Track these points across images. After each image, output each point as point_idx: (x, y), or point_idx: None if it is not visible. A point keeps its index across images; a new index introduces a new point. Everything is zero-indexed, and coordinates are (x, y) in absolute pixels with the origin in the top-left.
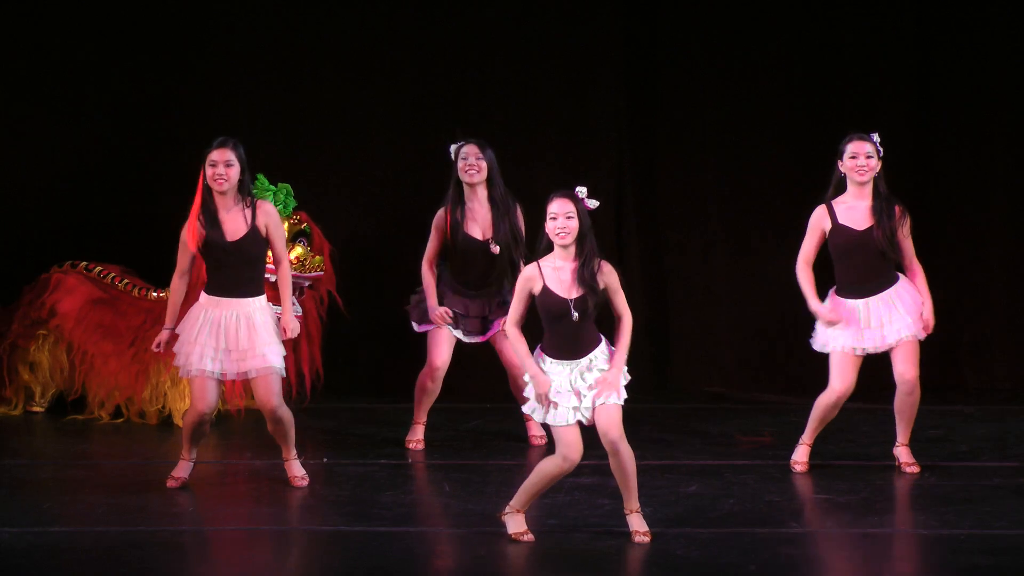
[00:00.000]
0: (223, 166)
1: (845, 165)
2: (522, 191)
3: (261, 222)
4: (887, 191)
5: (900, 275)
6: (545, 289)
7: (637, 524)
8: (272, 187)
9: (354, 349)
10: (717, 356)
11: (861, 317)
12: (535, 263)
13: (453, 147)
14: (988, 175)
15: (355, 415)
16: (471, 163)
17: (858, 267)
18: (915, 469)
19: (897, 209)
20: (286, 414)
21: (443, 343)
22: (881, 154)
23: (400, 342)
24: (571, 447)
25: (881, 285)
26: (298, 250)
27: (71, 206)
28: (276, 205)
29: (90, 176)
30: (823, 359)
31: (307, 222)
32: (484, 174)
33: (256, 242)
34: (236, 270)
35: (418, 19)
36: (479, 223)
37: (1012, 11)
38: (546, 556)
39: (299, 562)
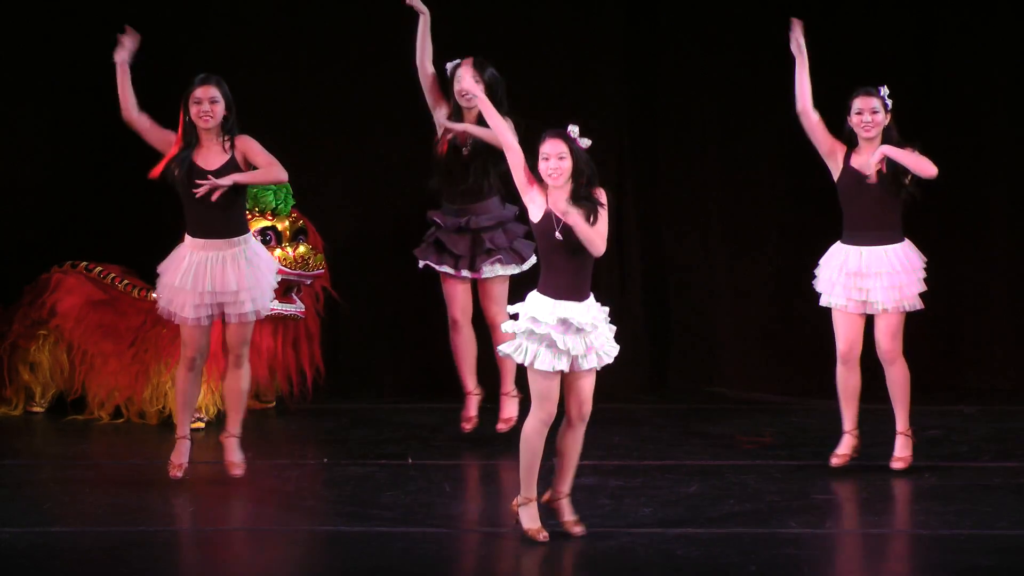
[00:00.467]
0: (208, 103)
1: (852, 121)
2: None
3: (239, 153)
4: (900, 139)
5: (906, 238)
6: (548, 212)
7: (570, 513)
8: (271, 185)
9: (354, 349)
10: (717, 356)
11: (852, 264)
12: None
13: (450, 65)
14: (989, 172)
15: (355, 415)
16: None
17: (862, 213)
18: (899, 465)
19: (892, 147)
20: (249, 371)
21: (454, 293)
22: (889, 107)
23: (401, 342)
24: (551, 399)
25: (882, 238)
26: (301, 249)
27: (71, 206)
28: (275, 203)
29: (90, 176)
30: (825, 359)
31: (303, 219)
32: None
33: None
34: (216, 206)
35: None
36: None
37: (1015, 3)
38: (546, 556)
39: (299, 563)
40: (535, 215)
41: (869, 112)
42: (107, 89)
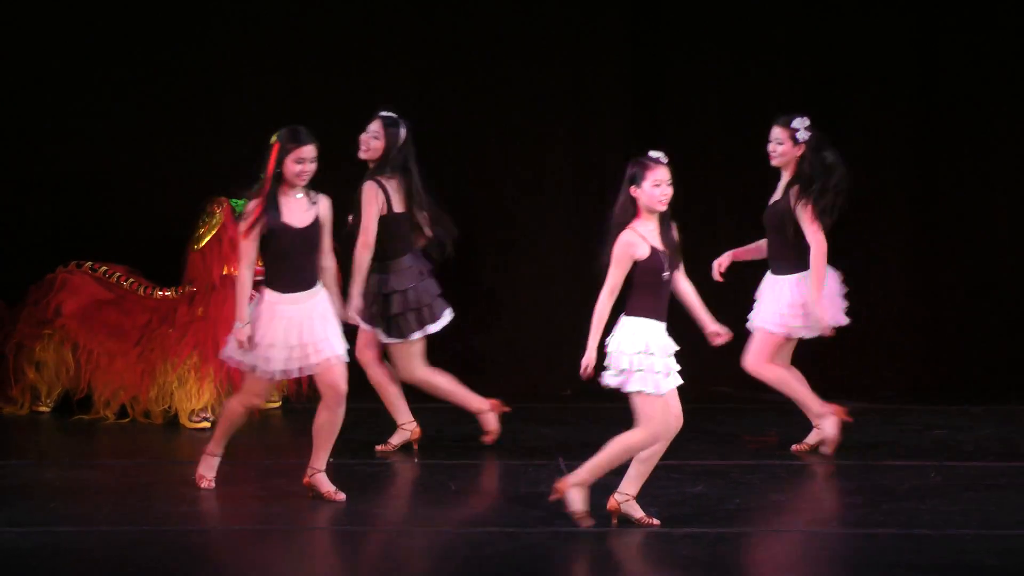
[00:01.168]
0: (310, 163)
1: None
2: (529, 186)
3: (323, 212)
4: (807, 173)
5: (803, 272)
6: (653, 250)
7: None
8: None
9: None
10: (723, 355)
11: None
12: (630, 229)
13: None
14: (993, 170)
15: (359, 415)
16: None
17: (769, 242)
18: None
19: (792, 191)
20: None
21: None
22: (801, 138)
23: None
24: (677, 415)
25: (777, 267)
26: None
27: (76, 207)
28: None
29: (94, 177)
30: (832, 359)
31: None
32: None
33: (319, 231)
34: (303, 259)
35: (421, 16)
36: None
37: (1017, 8)
38: (550, 555)
39: (304, 562)
40: (643, 253)
41: (774, 142)
42: (111, 90)
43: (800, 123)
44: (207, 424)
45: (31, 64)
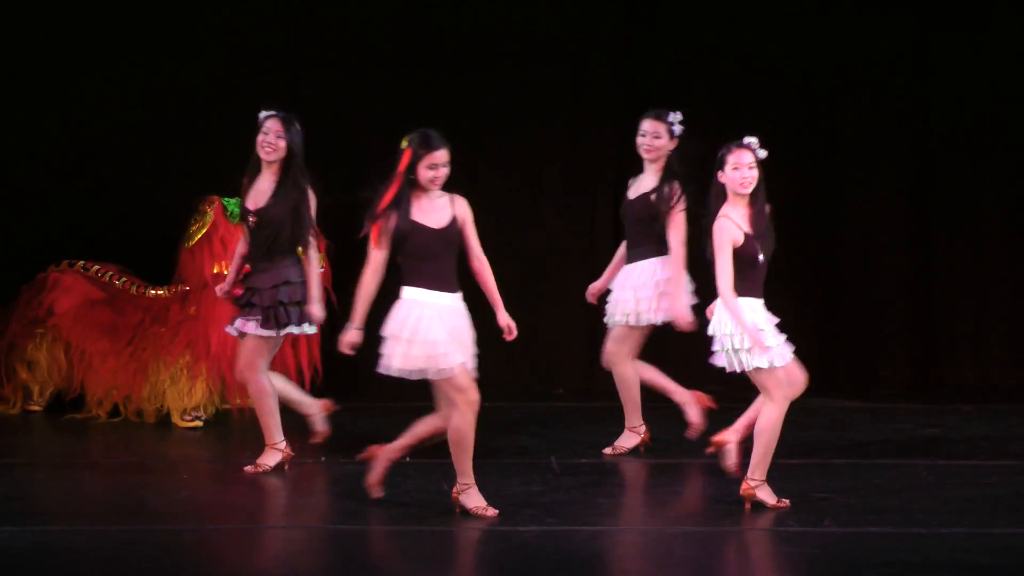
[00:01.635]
0: (443, 167)
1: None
2: (523, 187)
3: (460, 212)
4: (680, 168)
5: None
6: (747, 236)
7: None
8: None
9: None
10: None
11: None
12: (723, 215)
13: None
14: (987, 171)
15: (352, 414)
16: (270, 140)
17: (632, 232)
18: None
19: (671, 185)
20: None
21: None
22: (676, 132)
23: None
24: (797, 379)
25: (636, 256)
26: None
27: (68, 206)
28: None
29: (87, 176)
30: (823, 357)
31: None
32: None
33: (456, 232)
34: (441, 260)
35: (418, 17)
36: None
37: (1013, 8)
38: (545, 554)
39: (297, 561)
40: (738, 239)
41: (651, 136)
42: (105, 89)
43: (675, 117)
44: (199, 423)
45: (25, 64)
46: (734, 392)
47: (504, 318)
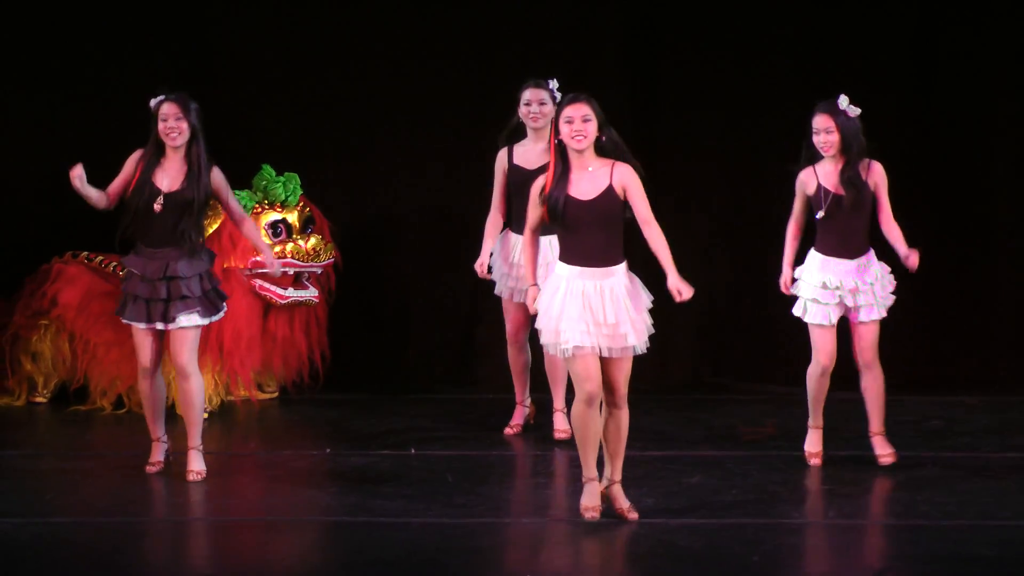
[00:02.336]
0: (580, 121)
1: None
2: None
3: (619, 179)
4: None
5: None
6: (817, 189)
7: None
8: (280, 177)
9: (358, 339)
10: (719, 346)
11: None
12: (810, 168)
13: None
14: (991, 161)
15: (358, 406)
16: (171, 125)
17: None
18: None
19: None
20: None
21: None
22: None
23: (404, 332)
24: (822, 348)
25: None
26: (312, 241)
27: (72, 197)
28: (284, 194)
29: (92, 167)
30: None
31: (309, 206)
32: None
33: (607, 202)
34: (591, 232)
35: (421, 12)
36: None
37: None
38: (549, 545)
39: (302, 552)
40: (810, 190)
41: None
42: (109, 81)
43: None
44: (204, 415)
45: (29, 58)
46: (729, 384)
47: (673, 281)
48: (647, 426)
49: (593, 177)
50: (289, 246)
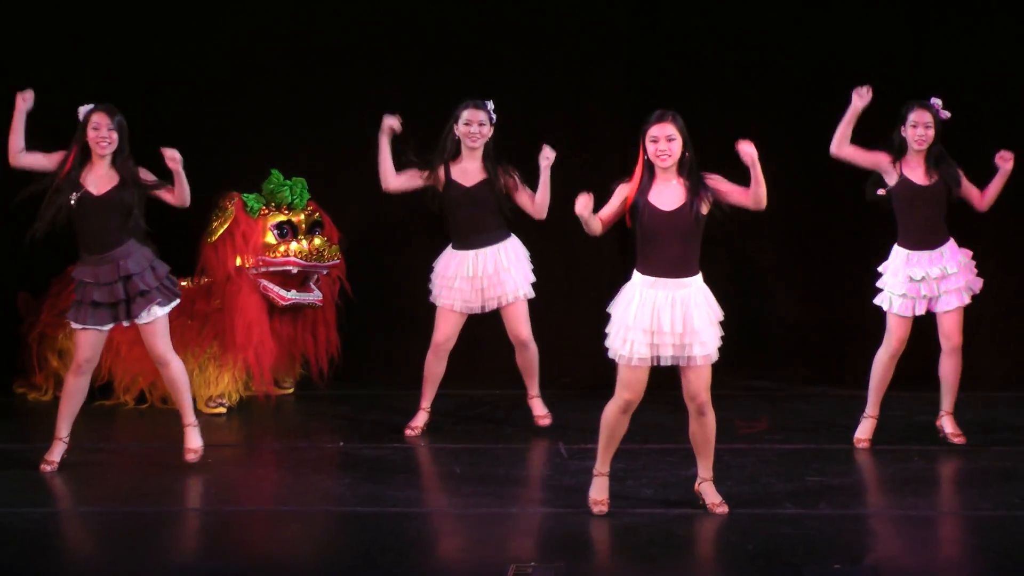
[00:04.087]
0: (665, 140)
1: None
2: (529, 180)
3: (703, 194)
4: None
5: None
6: (899, 180)
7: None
8: (287, 181)
9: (368, 336)
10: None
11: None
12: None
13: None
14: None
15: (369, 401)
16: (103, 135)
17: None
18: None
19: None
20: (712, 412)
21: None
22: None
23: (413, 329)
24: (894, 334)
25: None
26: (316, 241)
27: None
28: (290, 198)
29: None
30: (821, 347)
31: (318, 212)
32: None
33: (695, 217)
34: (670, 243)
35: (426, 13)
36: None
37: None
38: (553, 533)
39: (316, 541)
40: (891, 181)
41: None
42: (134, 86)
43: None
44: (223, 409)
45: (48, 65)
46: (733, 380)
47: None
48: (646, 421)
49: (675, 190)
50: (293, 245)
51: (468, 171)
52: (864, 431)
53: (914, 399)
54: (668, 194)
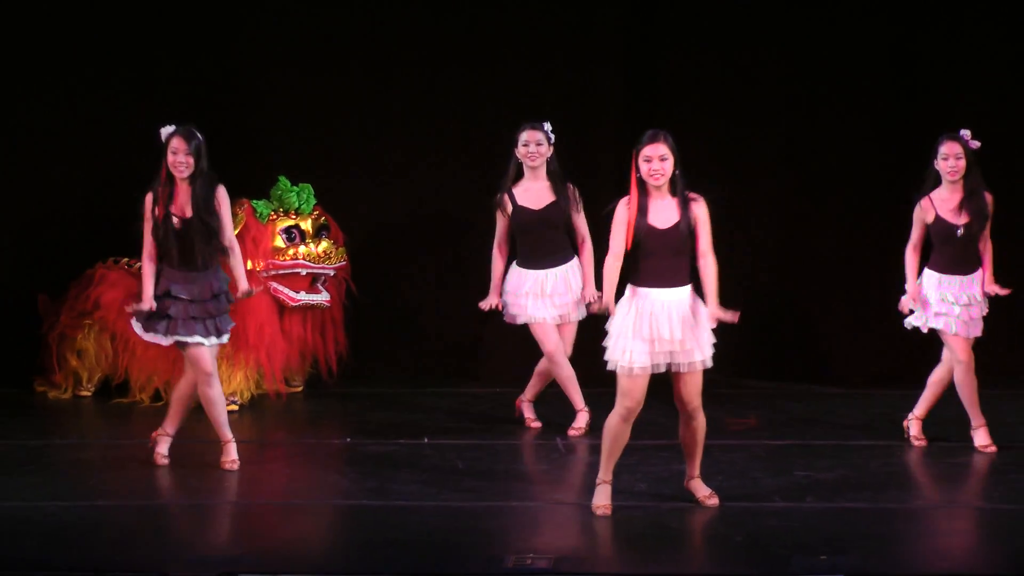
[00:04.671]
0: (658, 160)
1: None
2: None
3: (696, 213)
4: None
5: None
6: (937, 217)
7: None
8: (294, 187)
9: (375, 336)
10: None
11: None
12: (928, 196)
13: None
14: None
15: (376, 399)
16: (180, 159)
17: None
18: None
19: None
20: (703, 415)
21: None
22: (553, 139)
23: (418, 329)
24: (956, 349)
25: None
26: (324, 244)
27: (113, 207)
28: (297, 203)
29: (130, 178)
30: (809, 346)
31: (325, 216)
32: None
33: (681, 232)
34: (664, 259)
35: (427, 22)
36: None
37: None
38: (550, 527)
39: (324, 533)
40: (929, 219)
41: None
42: (149, 93)
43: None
44: (235, 407)
45: (66, 68)
46: (727, 379)
47: (713, 309)
48: (640, 418)
49: (668, 207)
50: (301, 249)
51: (533, 192)
52: (980, 438)
53: (897, 396)
54: (662, 212)
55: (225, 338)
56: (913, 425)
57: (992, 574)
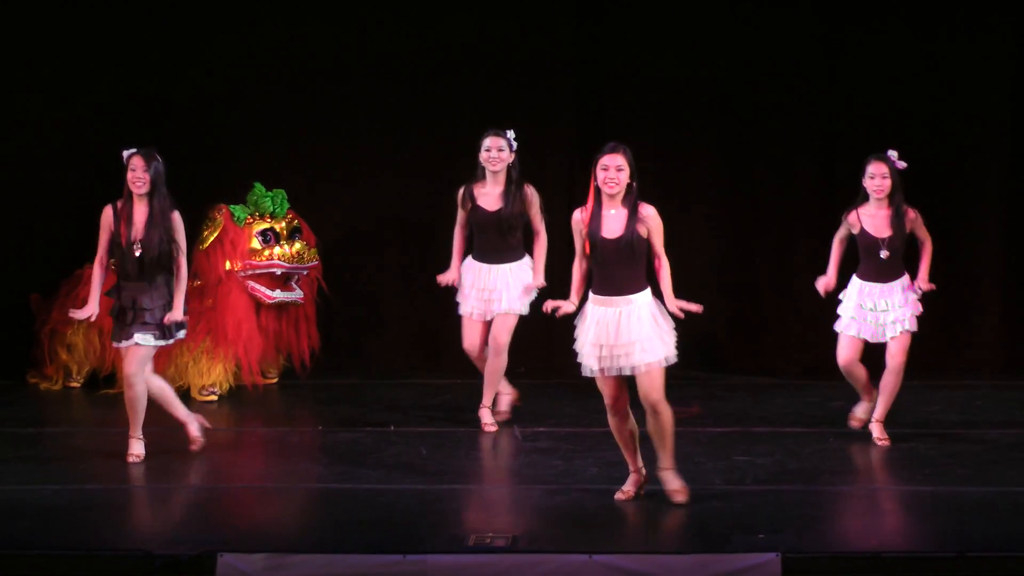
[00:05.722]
0: (615, 170)
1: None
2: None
3: (647, 224)
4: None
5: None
6: (862, 231)
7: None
8: (269, 193)
9: (344, 332)
10: None
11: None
12: (855, 211)
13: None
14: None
15: (345, 390)
16: (138, 176)
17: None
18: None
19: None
20: (666, 409)
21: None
22: (515, 146)
23: (384, 325)
24: (840, 354)
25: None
26: (297, 245)
27: (99, 212)
28: (272, 207)
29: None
30: (747, 340)
31: (297, 219)
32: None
33: (628, 241)
34: (614, 267)
35: (390, 35)
36: None
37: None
38: (506, 507)
39: (297, 515)
40: (855, 231)
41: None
42: (136, 96)
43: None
44: (214, 397)
45: (58, 70)
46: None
47: (671, 303)
48: (592, 407)
49: (619, 217)
50: (276, 250)
51: (492, 195)
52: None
53: (829, 387)
54: (612, 222)
55: (163, 342)
56: (875, 427)
57: (917, 551)
